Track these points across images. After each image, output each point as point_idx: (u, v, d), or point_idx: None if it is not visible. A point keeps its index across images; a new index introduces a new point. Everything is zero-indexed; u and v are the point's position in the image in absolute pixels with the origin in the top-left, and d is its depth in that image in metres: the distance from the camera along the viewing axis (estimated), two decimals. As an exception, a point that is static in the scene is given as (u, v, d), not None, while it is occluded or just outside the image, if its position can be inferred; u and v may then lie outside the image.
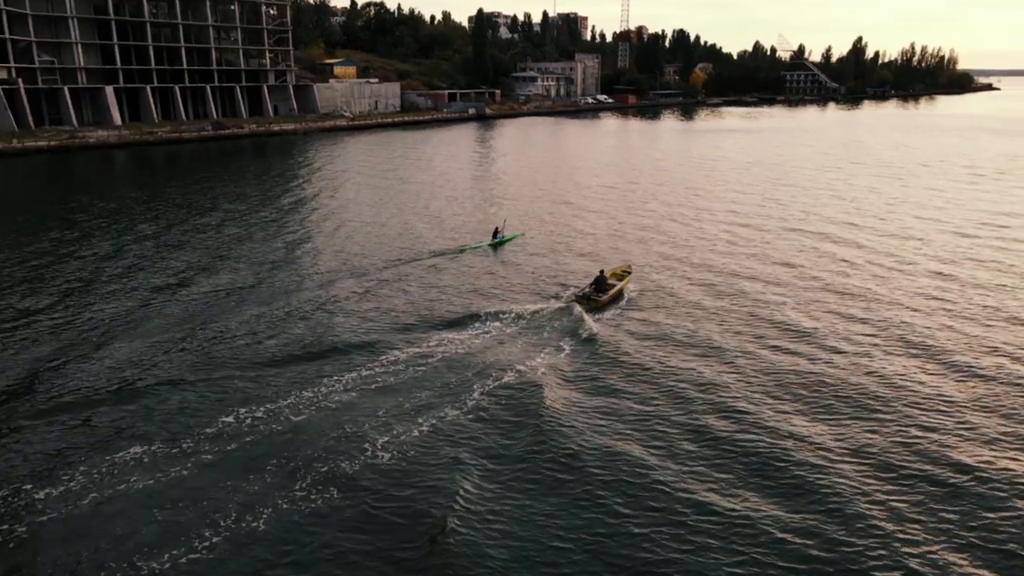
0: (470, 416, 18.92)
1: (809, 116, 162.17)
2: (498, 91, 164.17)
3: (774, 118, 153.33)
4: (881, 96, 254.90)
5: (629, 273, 30.75)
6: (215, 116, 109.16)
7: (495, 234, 38.49)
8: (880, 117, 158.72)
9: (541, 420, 18.60)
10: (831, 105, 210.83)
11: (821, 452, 17.09)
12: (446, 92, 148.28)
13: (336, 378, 21.06)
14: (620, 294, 28.65)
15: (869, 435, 17.87)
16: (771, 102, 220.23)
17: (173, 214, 46.48)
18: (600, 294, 27.51)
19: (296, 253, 36.20)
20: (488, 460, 16.92)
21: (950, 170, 65.51)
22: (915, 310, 26.88)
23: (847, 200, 50.08)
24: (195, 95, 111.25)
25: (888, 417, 18.81)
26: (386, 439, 17.59)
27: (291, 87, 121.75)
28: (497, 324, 25.37)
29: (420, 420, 18.60)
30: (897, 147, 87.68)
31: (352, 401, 19.70)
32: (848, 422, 18.62)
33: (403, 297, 28.89)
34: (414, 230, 41.10)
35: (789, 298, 28.65)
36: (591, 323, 25.34)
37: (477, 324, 25.43)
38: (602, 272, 28.89)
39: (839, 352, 23.01)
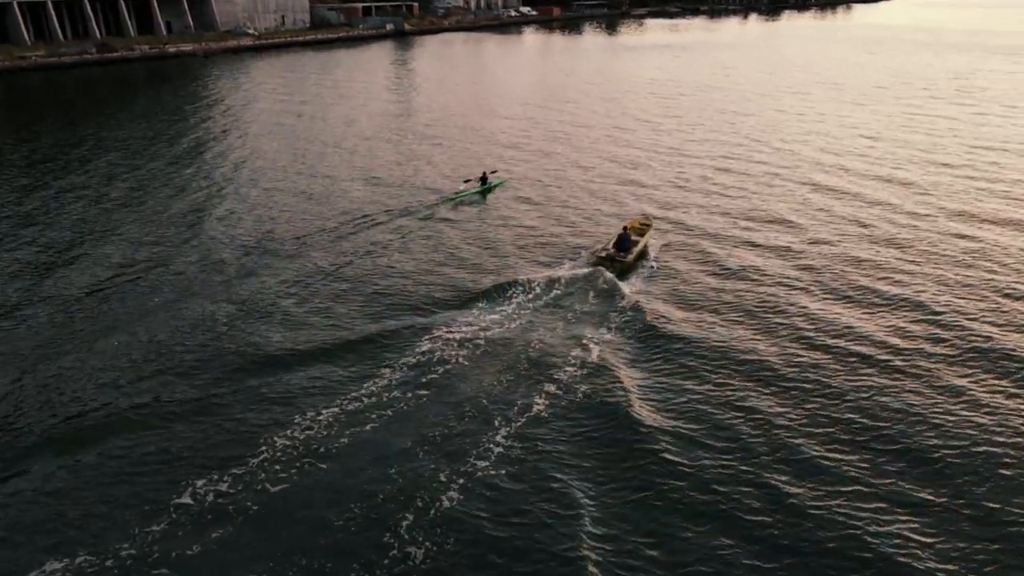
0: (541, 427, 15.84)
1: (734, 28, 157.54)
2: (416, 4, 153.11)
3: (700, 31, 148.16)
4: (802, 5, 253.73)
5: (649, 226, 27.02)
6: (98, 36, 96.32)
7: (483, 180, 33.68)
8: (803, 29, 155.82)
9: (630, 425, 15.80)
10: (753, 16, 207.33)
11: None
12: (360, 5, 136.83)
13: (350, 389, 17.16)
14: (644, 251, 25.63)
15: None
16: (694, 12, 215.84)
17: (45, 168, 38.36)
18: (624, 254, 24.36)
19: (216, 217, 29.61)
20: (592, 484, 14.14)
21: (913, 91, 62.44)
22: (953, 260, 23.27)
23: (823, 132, 46.09)
24: (71, 10, 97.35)
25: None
26: (455, 459, 14.77)
27: None
28: (518, 300, 21.81)
29: (483, 433, 15.59)
30: (840, 65, 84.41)
31: (387, 415, 16.23)
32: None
33: (388, 273, 24.16)
34: (363, 181, 34.88)
35: (827, 245, 25.95)
36: (626, 290, 22.39)
37: (493, 302, 21.67)
38: (625, 229, 25.48)
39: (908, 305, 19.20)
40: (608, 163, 38.66)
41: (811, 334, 19.94)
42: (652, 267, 24.62)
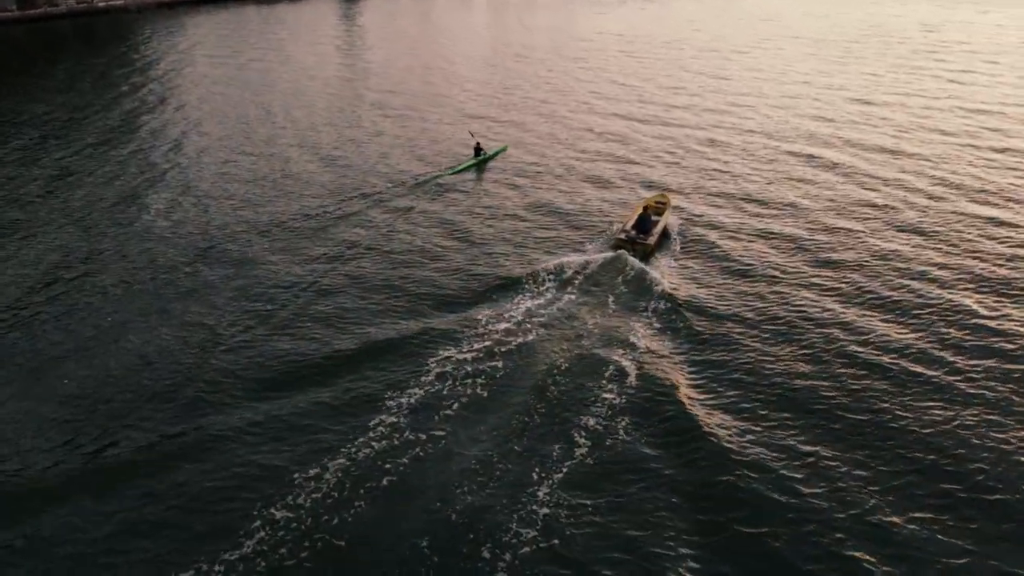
0: (598, 450, 13.96)
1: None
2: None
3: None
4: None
5: (667, 204, 24.94)
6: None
7: (477, 151, 31.13)
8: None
9: (694, 438, 14.21)
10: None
11: None
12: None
13: (369, 415, 14.93)
14: (665, 231, 23.73)
15: None
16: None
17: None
18: (645, 235, 22.44)
19: (159, 211, 25.52)
20: (675, 507, 12.77)
21: (890, 47, 60.12)
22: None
23: (812, 96, 43.40)
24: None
25: None
26: (518, 482, 13.14)
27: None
28: (543, 293, 19.59)
29: (542, 454, 13.82)
30: (808, 17, 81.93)
31: (424, 433, 14.40)
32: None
33: (391, 263, 21.71)
34: (327, 161, 31.03)
35: (843, 217, 23.42)
36: (654, 274, 20.55)
37: (516, 297, 19.40)
38: (646, 209, 23.65)
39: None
40: (596, 134, 35.47)
41: (870, 318, 18.07)
42: (675, 248, 22.77)
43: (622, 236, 22.30)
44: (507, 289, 19.85)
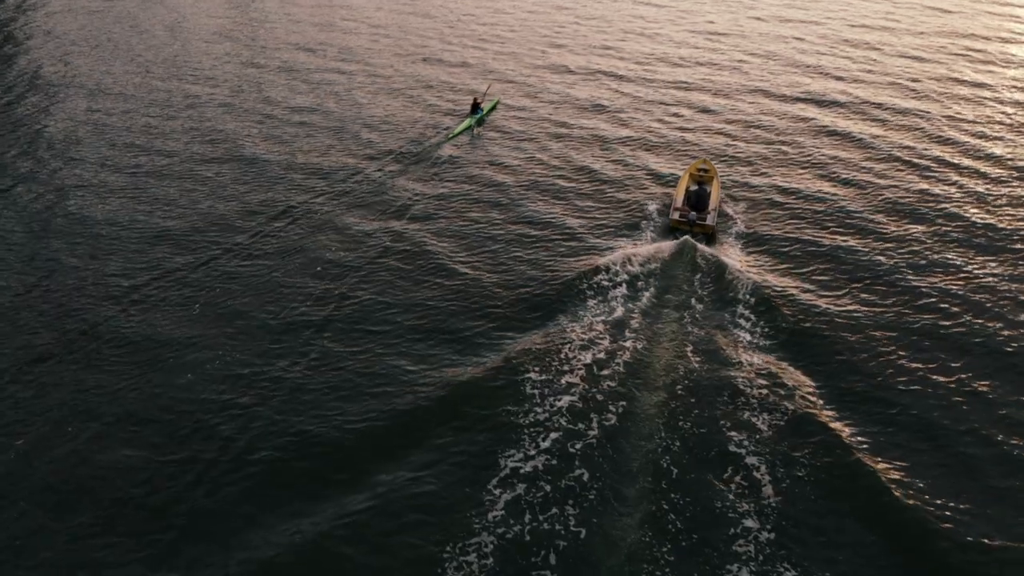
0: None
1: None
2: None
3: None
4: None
5: (710, 172, 21.61)
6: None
7: (475, 108, 27.32)
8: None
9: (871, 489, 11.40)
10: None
11: None
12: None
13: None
14: (719, 207, 20.23)
15: None
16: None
17: None
18: (702, 213, 19.23)
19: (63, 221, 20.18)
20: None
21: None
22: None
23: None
24: None
25: None
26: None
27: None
28: (608, 296, 16.17)
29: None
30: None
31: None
32: None
33: (421, 270, 17.73)
34: (300, 134, 25.66)
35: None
36: (733, 264, 17.21)
37: (578, 303, 16.01)
38: (701, 185, 19.87)
39: None
40: (605, 91, 31.32)
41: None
42: (738, 228, 19.64)
43: (677, 216, 19.26)
44: (572, 294, 16.37)
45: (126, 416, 13.10)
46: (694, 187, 20.11)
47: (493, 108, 28.60)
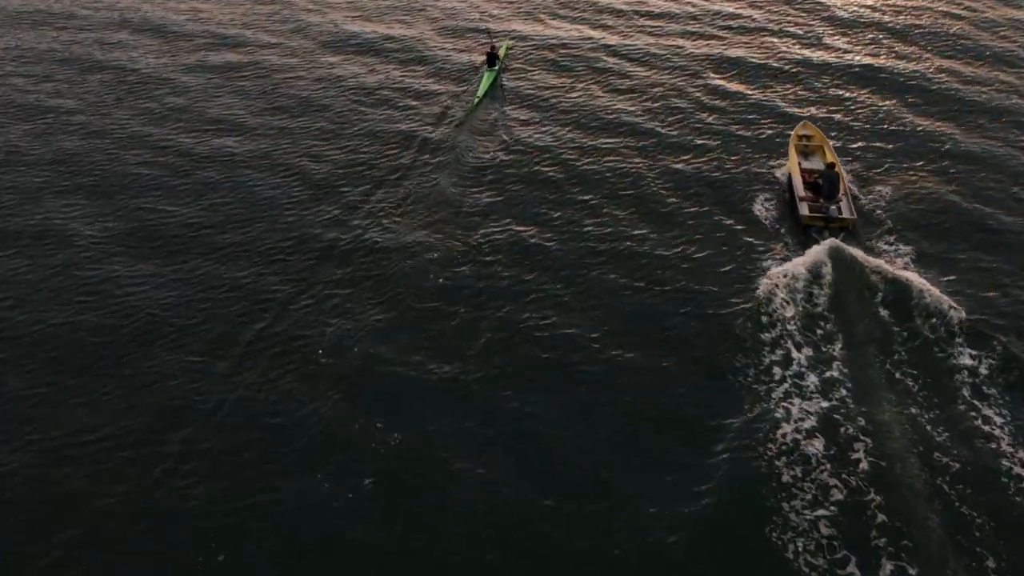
0: None
1: None
2: None
3: None
4: None
5: (817, 140, 17.95)
6: None
7: (491, 60, 23.16)
8: None
9: None
10: None
11: None
12: None
13: None
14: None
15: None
16: None
17: None
18: (832, 201, 15.50)
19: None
20: None
21: None
22: None
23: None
24: None
25: None
26: None
27: None
28: (782, 332, 12.96)
29: None
30: None
31: None
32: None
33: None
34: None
35: None
36: (908, 278, 13.77)
37: (750, 342, 12.80)
38: (832, 166, 15.99)
39: None
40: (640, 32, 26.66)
41: None
42: (886, 222, 15.71)
43: (809, 212, 15.43)
44: (739, 349, 12.83)
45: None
46: (808, 163, 16.54)
47: (507, 54, 24.70)
